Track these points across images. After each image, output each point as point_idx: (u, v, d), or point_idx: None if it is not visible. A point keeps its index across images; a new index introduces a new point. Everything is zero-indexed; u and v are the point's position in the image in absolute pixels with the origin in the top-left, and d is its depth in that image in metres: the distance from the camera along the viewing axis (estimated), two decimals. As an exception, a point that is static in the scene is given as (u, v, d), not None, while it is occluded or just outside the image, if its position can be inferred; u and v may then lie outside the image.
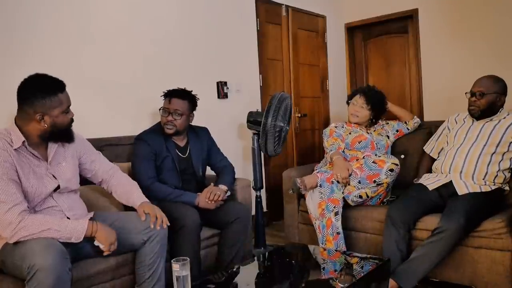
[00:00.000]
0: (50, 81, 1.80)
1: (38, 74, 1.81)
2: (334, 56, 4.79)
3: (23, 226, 1.66)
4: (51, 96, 1.77)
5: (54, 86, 1.80)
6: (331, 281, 1.89)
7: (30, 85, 1.77)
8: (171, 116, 2.49)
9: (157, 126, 2.61)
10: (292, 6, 4.24)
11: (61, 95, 1.80)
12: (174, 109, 2.49)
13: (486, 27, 3.93)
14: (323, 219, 2.55)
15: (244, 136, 3.66)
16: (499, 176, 2.44)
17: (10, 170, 1.71)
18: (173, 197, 2.38)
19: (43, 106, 1.76)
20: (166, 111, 2.51)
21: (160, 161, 2.48)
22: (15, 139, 1.76)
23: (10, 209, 1.66)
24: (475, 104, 2.51)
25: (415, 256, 2.25)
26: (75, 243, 1.84)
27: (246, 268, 2.04)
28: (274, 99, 2.89)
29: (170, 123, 2.49)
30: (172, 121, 2.49)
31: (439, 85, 4.27)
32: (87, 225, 1.78)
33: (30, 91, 1.76)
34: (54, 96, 1.78)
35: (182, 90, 2.56)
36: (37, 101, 1.75)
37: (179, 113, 2.49)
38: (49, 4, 2.53)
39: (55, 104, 1.78)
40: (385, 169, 2.61)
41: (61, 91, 1.81)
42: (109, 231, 1.85)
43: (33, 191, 1.78)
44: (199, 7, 3.39)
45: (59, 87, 1.81)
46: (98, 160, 2.13)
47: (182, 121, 2.52)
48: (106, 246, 1.83)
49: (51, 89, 1.78)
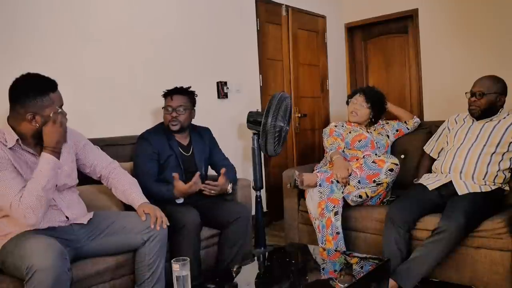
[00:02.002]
0: (42, 81, 1.79)
1: (30, 73, 1.80)
2: (334, 56, 4.79)
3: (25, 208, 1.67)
4: (42, 96, 1.76)
5: (45, 86, 1.78)
6: (331, 281, 1.89)
7: (21, 85, 1.77)
8: (175, 113, 2.52)
9: (160, 125, 2.63)
10: (292, 6, 4.24)
11: (53, 95, 1.79)
12: (177, 106, 2.53)
13: (486, 27, 3.93)
14: (322, 219, 2.55)
15: (244, 136, 3.66)
16: (499, 176, 2.44)
17: (8, 166, 1.72)
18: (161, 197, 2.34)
19: (34, 106, 1.75)
20: (169, 108, 2.54)
21: (163, 159, 2.49)
22: (9, 139, 1.76)
23: (11, 204, 1.68)
24: (475, 104, 2.51)
25: (415, 256, 2.25)
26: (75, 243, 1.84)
27: (246, 268, 2.04)
28: (274, 99, 2.89)
29: (175, 120, 2.53)
30: (176, 117, 2.53)
31: (439, 85, 4.27)
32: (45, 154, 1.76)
33: (21, 91, 1.75)
34: (46, 96, 1.77)
35: (181, 87, 2.60)
36: (28, 101, 1.74)
37: (183, 108, 2.53)
38: (49, 4, 2.53)
39: (46, 103, 1.77)
40: (385, 169, 2.61)
41: (52, 91, 1.80)
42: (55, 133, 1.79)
43: None
44: (199, 7, 3.39)
45: (51, 86, 1.80)
46: (96, 155, 2.12)
47: (186, 117, 2.56)
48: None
49: (43, 89, 1.77)
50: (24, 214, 1.68)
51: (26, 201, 1.68)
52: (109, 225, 1.96)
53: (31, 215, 1.69)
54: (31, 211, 1.69)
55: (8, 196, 1.68)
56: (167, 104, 2.56)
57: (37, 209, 1.70)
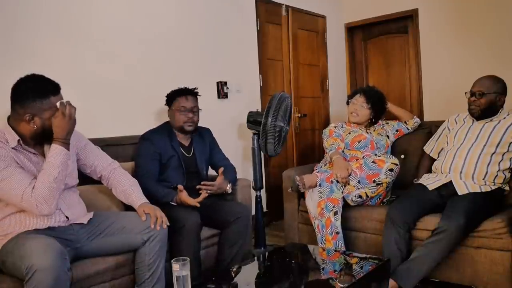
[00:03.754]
0: (45, 83, 1.79)
1: (35, 74, 1.80)
2: (334, 56, 4.79)
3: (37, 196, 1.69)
4: (42, 98, 1.75)
5: (47, 89, 1.78)
6: (331, 281, 1.89)
7: (23, 86, 1.76)
8: (191, 113, 2.54)
9: (164, 125, 2.63)
10: (292, 6, 4.24)
11: (53, 98, 1.78)
12: (191, 106, 2.55)
13: (486, 27, 3.93)
14: (322, 219, 2.55)
15: (244, 136, 3.66)
16: (499, 176, 2.44)
17: (12, 162, 1.73)
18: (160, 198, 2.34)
19: (34, 107, 1.75)
20: (183, 109, 2.54)
21: (166, 160, 2.49)
22: (10, 139, 1.76)
23: (23, 195, 1.69)
24: (474, 104, 2.51)
25: (415, 256, 2.25)
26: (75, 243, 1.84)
27: (246, 268, 2.04)
28: (274, 99, 2.89)
29: (191, 120, 2.54)
30: (192, 117, 2.54)
31: (439, 85, 4.27)
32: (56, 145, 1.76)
33: (22, 91, 1.75)
34: (46, 99, 1.76)
35: (193, 89, 2.61)
36: (28, 102, 1.74)
37: (196, 109, 2.56)
38: (50, 4, 2.53)
39: (46, 106, 1.77)
40: (385, 169, 2.61)
41: (54, 94, 1.79)
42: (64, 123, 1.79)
43: None
44: (199, 7, 3.39)
45: (53, 90, 1.79)
46: (97, 155, 2.12)
47: (198, 117, 2.60)
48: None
49: (44, 92, 1.77)
50: (36, 204, 1.70)
51: (39, 192, 1.70)
52: (109, 225, 1.96)
53: (44, 205, 1.71)
54: (44, 202, 1.71)
55: (18, 190, 1.69)
56: (182, 105, 2.54)
57: (49, 199, 1.72)
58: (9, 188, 1.70)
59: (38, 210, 1.72)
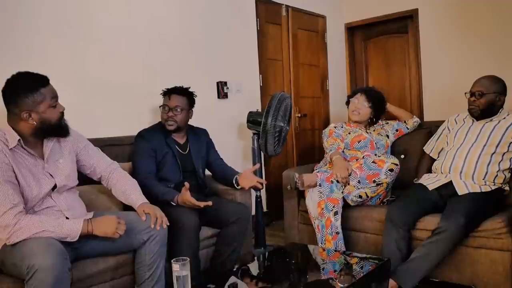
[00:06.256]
0: (31, 78, 1.78)
1: (20, 72, 1.79)
2: (334, 56, 4.79)
3: (19, 228, 1.66)
4: (33, 92, 1.75)
5: (35, 82, 1.77)
6: (330, 281, 1.89)
7: (12, 85, 1.76)
8: (171, 112, 2.53)
9: (158, 124, 2.64)
10: (292, 6, 4.24)
11: (44, 90, 1.78)
12: (174, 105, 2.53)
13: (486, 27, 3.93)
14: (322, 219, 2.55)
15: (244, 136, 3.66)
16: (499, 176, 2.44)
17: (6, 172, 1.70)
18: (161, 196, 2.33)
19: (27, 104, 1.75)
20: (166, 107, 2.55)
21: (161, 157, 2.49)
22: (10, 139, 1.76)
23: (6, 212, 1.66)
24: (474, 104, 2.51)
25: (415, 256, 2.25)
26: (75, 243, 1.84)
27: (246, 268, 2.04)
28: (274, 99, 2.89)
29: (171, 119, 2.53)
30: (172, 117, 2.53)
31: (439, 85, 4.27)
32: (82, 225, 1.77)
33: (12, 91, 1.75)
34: (37, 92, 1.76)
35: (180, 87, 2.60)
36: (20, 100, 1.74)
37: (179, 109, 2.53)
38: (49, 4, 2.53)
39: (38, 100, 1.76)
40: (385, 169, 2.61)
41: (43, 86, 1.78)
42: (106, 222, 1.81)
43: (31, 191, 1.78)
44: (199, 7, 3.39)
45: (41, 82, 1.79)
46: (96, 156, 2.12)
47: (182, 117, 2.56)
48: (111, 235, 1.81)
49: (33, 86, 1.76)
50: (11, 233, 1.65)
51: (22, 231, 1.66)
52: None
53: (14, 238, 1.66)
54: (16, 238, 1.66)
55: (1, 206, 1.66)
56: (164, 103, 2.57)
57: (22, 237, 1.67)
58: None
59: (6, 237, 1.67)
